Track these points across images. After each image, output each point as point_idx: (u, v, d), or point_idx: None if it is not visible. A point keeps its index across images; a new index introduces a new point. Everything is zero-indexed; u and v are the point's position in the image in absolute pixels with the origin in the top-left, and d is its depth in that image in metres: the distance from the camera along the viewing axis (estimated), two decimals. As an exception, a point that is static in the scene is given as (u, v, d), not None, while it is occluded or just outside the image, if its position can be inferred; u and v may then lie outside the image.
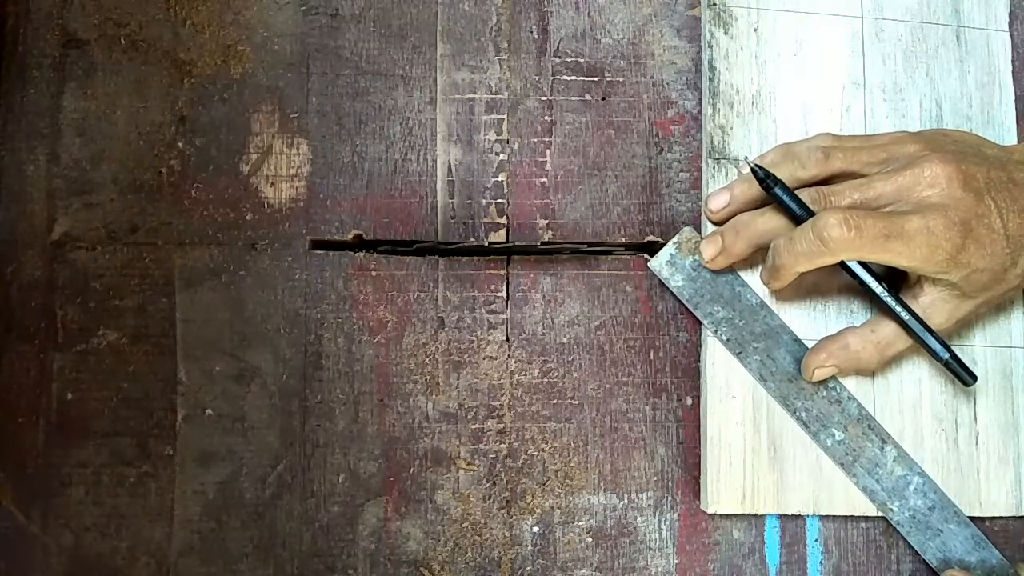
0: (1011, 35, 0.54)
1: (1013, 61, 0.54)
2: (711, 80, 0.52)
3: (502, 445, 0.49)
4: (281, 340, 0.49)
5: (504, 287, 0.51)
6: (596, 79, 0.53)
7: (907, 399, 0.50)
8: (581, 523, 0.49)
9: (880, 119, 0.52)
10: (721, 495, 0.48)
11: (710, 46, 0.52)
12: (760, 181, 0.46)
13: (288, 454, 0.48)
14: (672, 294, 0.51)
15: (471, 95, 0.52)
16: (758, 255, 0.49)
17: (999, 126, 0.53)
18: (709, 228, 0.50)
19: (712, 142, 0.51)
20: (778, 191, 0.46)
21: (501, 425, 0.49)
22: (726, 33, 0.52)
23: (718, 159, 0.51)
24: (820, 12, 0.53)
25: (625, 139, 0.53)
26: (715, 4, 0.52)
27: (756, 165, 0.47)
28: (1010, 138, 0.53)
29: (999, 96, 0.54)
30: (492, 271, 0.51)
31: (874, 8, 0.54)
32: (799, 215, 0.45)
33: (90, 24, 0.50)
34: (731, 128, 0.51)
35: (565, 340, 0.51)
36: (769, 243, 0.46)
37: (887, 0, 0.54)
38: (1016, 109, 0.54)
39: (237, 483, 0.48)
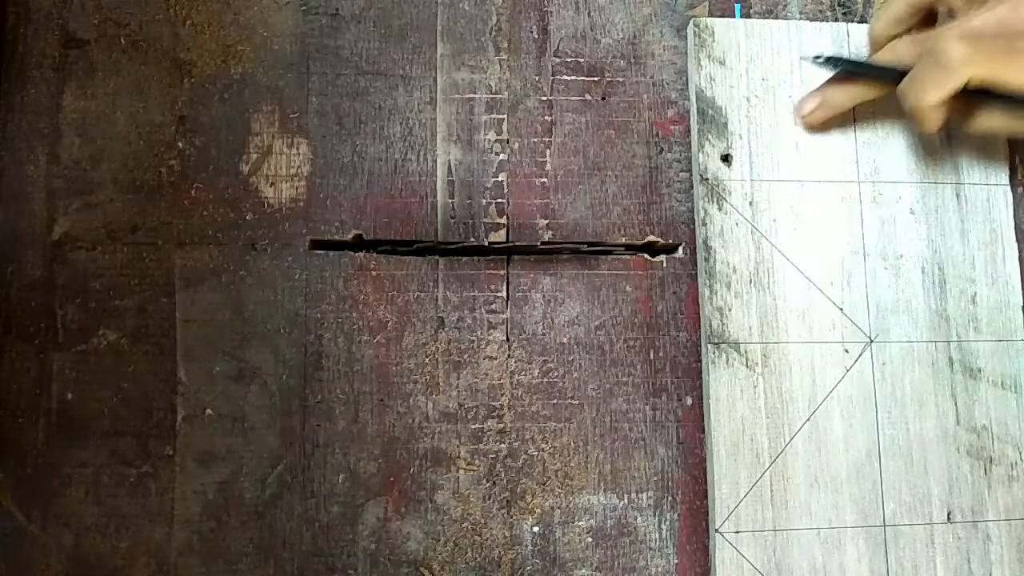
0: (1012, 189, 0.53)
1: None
2: (706, 260, 0.50)
3: (502, 445, 0.49)
4: (281, 340, 0.49)
5: (504, 287, 0.51)
6: (596, 79, 0.53)
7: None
8: (581, 523, 0.49)
9: (882, 288, 0.51)
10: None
11: (704, 224, 0.50)
12: (841, 68, 0.49)
13: (288, 454, 0.48)
14: (673, 293, 0.51)
15: (471, 95, 0.52)
16: None
17: (1004, 287, 0.52)
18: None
19: (711, 326, 0.50)
20: (866, 64, 0.48)
21: (501, 425, 0.49)
22: (720, 209, 0.50)
23: (718, 344, 0.49)
24: (816, 180, 0.52)
25: (625, 139, 0.53)
26: (707, 179, 0.51)
27: (828, 57, 0.49)
28: (1016, 298, 0.52)
29: (1002, 254, 0.52)
30: (492, 271, 0.51)
31: (871, 172, 0.52)
32: (900, 73, 0.46)
33: (90, 24, 0.50)
34: (729, 310, 0.50)
35: (565, 340, 0.51)
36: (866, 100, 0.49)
37: (884, 162, 0.52)
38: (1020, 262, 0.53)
39: (237, 483, 0.48)
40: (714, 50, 0.52)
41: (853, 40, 0.53)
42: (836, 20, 0.55)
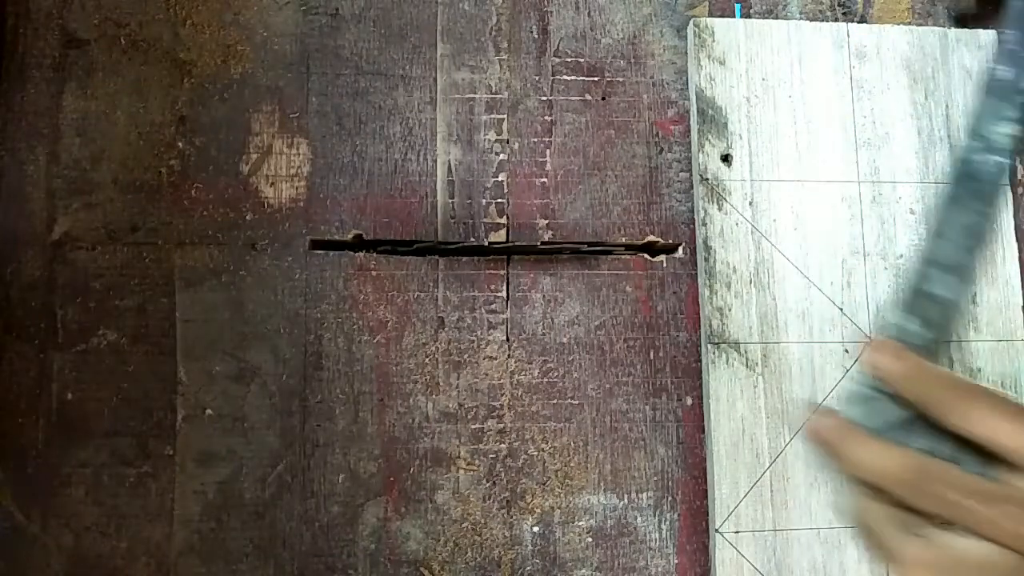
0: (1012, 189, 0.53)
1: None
2: (706, 260, 0.50)
3: (502, 445, 0.49)
4: (281, 340, 0.49)
5: (504, 287, 0.51)
6: (596, 79, 0.53)
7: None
8: (581, 523, 0.49)
9: (882, 288, 0.51)
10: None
11: (704, 224, 0.50)
12: None
13: (288, 454, 0.48)
14: (673, 293, 0.51)
15: (471, 95, 0.52)
16: None
17: (1004, 287, 0.52)
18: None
19: (711, 326, 0.50)
20: None
21: (501, 425, 0.49)
22: (720, 209, 0.50)
23: (718, 344, 0.49)
24: (816, 180, 0.52)
25: (625, 139, 0.53)
26: (707, 179, 0.51)
27: None
28: (1016, 298, 0.52)
29: (1002, 254, 0.52)
30: (492, 271, 0.51)
31: (871, 172, 0.52)
32: None
33: (90, 24, 0.50)
34: (729, 310, 0.50)
35: (565, 340, 0.51)
36: None
37: (884, 162, 0.52)
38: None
39: (237, 483, 0.48)
40: (714, 50, 0.52)
41: (853, 40, 0.53)
42: (836, 20, 0.55)
